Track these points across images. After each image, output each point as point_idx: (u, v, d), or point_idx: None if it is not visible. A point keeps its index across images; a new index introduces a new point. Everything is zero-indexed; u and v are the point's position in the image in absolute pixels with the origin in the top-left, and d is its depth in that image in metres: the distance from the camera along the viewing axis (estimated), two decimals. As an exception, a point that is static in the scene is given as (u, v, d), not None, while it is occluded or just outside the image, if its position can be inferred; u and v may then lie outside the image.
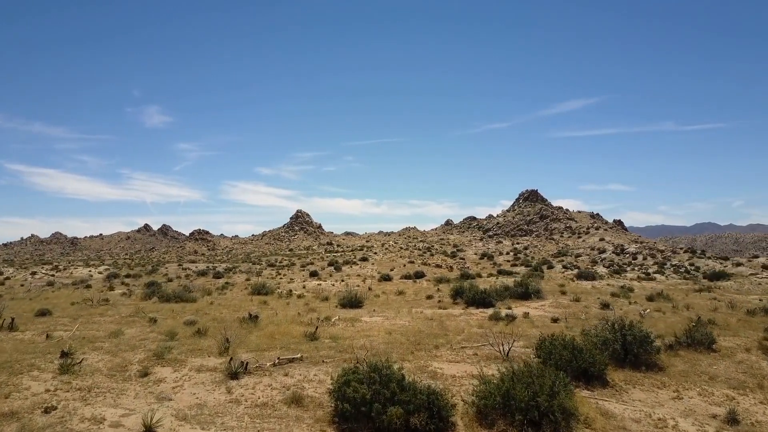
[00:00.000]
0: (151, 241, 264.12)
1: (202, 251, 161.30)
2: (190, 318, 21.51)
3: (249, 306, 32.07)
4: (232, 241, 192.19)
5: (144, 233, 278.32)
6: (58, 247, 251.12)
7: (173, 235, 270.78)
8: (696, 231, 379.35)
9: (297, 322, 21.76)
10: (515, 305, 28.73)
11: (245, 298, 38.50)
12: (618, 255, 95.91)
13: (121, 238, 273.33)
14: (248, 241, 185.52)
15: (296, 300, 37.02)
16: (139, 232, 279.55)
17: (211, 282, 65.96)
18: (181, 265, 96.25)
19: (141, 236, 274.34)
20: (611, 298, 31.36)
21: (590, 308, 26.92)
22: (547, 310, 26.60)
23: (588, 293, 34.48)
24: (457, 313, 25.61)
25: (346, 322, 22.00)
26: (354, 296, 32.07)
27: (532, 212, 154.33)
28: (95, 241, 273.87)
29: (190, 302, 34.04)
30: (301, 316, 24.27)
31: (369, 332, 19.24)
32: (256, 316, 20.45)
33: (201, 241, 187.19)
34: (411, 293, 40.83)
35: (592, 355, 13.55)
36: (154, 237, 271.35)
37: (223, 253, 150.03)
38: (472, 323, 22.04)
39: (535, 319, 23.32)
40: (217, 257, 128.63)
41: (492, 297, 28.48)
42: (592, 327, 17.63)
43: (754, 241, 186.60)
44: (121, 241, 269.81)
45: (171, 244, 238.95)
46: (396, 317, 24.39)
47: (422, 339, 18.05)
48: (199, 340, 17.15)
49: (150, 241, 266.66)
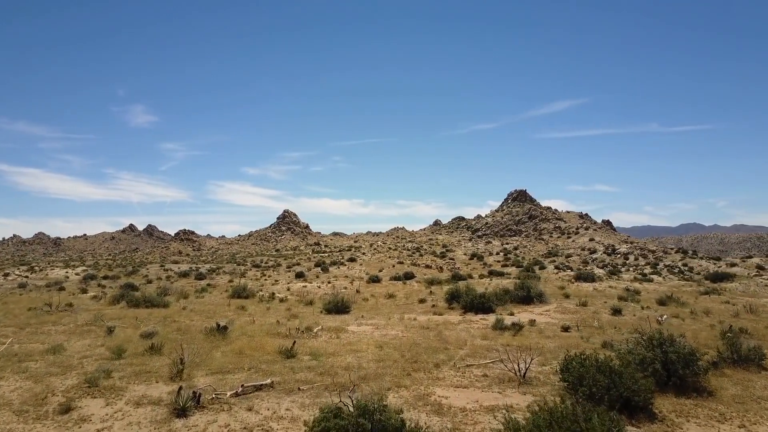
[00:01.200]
0: (136, 242, 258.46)
1: (186, 252, 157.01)
2: (149, 329, 18.42)
3: (225, 312, 28.99)
4: (218, 242, 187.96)
5: (129, 233, 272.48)
6: (40, 248, 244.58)
7: (159, 235, 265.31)
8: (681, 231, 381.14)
9: (274, 333, 18.75)
10: (517, 310, 25.99)
11: (223, 302, 35.40)
12: (609, 255, 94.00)
13: (106, 239, 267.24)
14: (234, 241, 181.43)
15: (278, 305, 33.97)
16: (124, 233, 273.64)
17: (192, 284, 62.50)
18: (163, 266, 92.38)
19: (126, 237, 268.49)
20: (619, 302, 28.75)
21: (600, 314, 24.26)
22: (554, 316, 23.88)
23: (592, 296, 31.86)
24: (455, 321, 22.78)
25: (330, 333, 19.05)
26: (340, 301, 29.14)
27: (521, 212, 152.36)
28: (79, 241, 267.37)
29: (160, 307, 30.85)
30: (279, 325, 21.27)
31: (356, 346, 16.31)
32: (226, 327, 17.42)
33: (186, 241, 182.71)
34: (402, 296, 37.98)
35: (635, 381, 10.77)
36: (139, 237, 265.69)
37: (209, 254, 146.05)
38: (474, 333, 19.21)
39: (544, 328, 20.57)
40: (202, 258, 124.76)
41: (491, 301, 25.70)
42: (622, 341, 14.87)
43: (739, 241, 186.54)
44: (105, 242, 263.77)
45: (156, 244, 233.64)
46: (387, 325, 21.51)
47: (419, 354, 15.18)
48: (150, 359, 14.09)
49: (135, 241, 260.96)
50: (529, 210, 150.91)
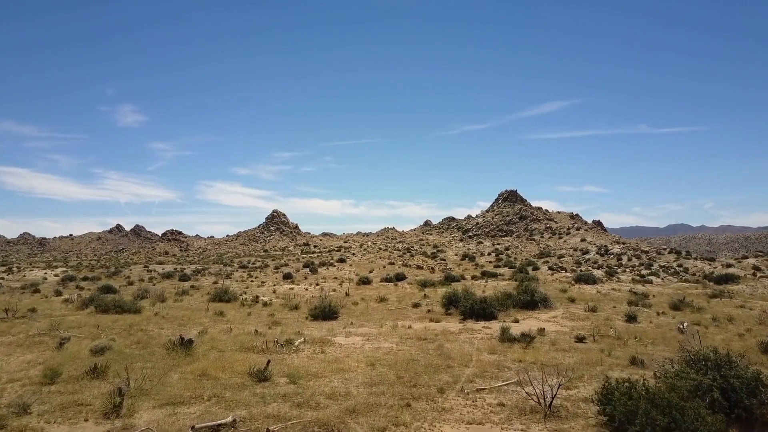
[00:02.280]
0: (123, 242, 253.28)
1: (173, 252, 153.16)
2: (103, 342, 15.67)
3: (200, 318, 26.24)
4: (206, 242, 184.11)
5: (116, 234, 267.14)
6: (25, 248, 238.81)
7: (146, 235, 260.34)
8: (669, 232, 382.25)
9: (248, 346, 16.06)
10: (522, 316, 23.53)
11: (203, 306, 32.59)
12: (602, 256, 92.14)
13: (92, 239, 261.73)
14: (222, 241, 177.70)
15: (260, 309, 31.25)
16: (111, 233, 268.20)
17: (176, 285, 59.48)
18: (147, 267, 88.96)
19: (113, 237, 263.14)
20: (630, 307, 26.39)
21: (614, 321, 21.86)
22: (563, 324, 21.44)
23: (599, 300, 29.48)
24: (455, 329, 20.24)
25: (314, 346, 16.41)
26: (328, 306, 26.50)
27: (511, 213, 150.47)
28: (65, 241, 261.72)
29: (131, 313, 28.00)
30: (257, 336, 18.60)
31: (344, 364, 13.71)
32: (191, 341, 14.71)
33: (174, 241, 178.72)
34: (394, 299, 35.42)
35: (701, 420, 8.30)
36: (126, 238, 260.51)
37: (196, 255, 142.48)
38: (480, 346, 16.68)
39: (556, 338, 18.10)
40: (189, 259, 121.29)
41: (493, 307, 23.22)
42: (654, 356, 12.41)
43: (727, 242, 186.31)
44: (92, 242, 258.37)
45: (144, 245, 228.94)
46: (379, 335, 18.92)
47: (418, 375, 12.63)
48: (88, 385, 11.38)
49: (122, 242, 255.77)
50: (520, 210, 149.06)
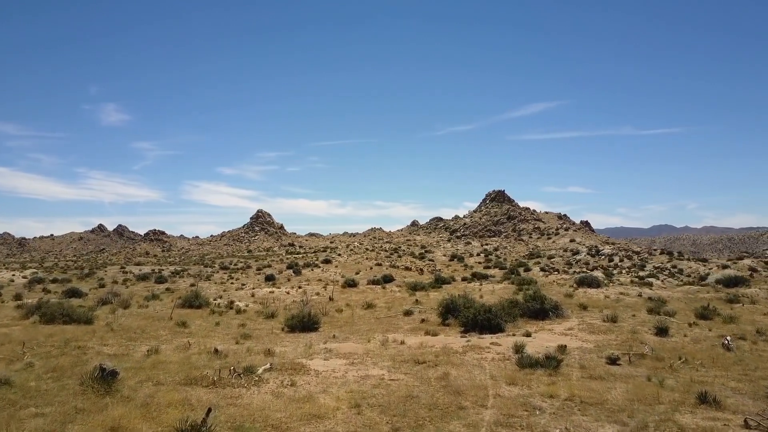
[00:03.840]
0: (105, 242, 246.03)
1: (154, 253, 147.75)
2: (1, 373, 11.76)
3: (158, 330, 22.31)
4: (190, 242, 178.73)
5: (98, 234, 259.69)
6: (4, 248, 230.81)
7: (129, 235, 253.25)
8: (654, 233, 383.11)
9: (195, 376, 12.24)
10: (533, 328, 20.02)
11: (168, 313, 28.60)
12: (593, 256, 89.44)
13: (74, 239, 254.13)
14: (206, 242, 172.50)
15: (232, 318, 27.39)
16: (93, 233, 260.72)
17: (150, 288, 55.21)
18: (123, 268, 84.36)
19: (95, 237, 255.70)
20: (651, 315, 23.05)
21: (641, 334, 18.42)
22: (583, 338, 17.94)
23: (613, 307, 26.06)
24: (458, 346, 16.61)
25: (282, 375, 12.64)
26: (307, 315, 22.76)
27: (499, 213, 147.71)
28: (45, 241, 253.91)
29: (81, 323, 24.01)
30: (215, 358, 14.80)
31: (319, 407, 9.96)
32: (114, 373, 10.86)
33: (156, 242, 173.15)
34: (382, 305, 31.77)
35: None
36: (108, 238, 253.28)
37: (178, 255, 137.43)
38: (494, 371, 13.08)
39: (582, 359, 14.57)
40: (170, 259, 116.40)
41: (499, 317, 19.66)
42: (735, 392, 8.88)
43: (711, 242, 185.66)
44: (73, 242, 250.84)
45: (126, 245, 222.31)
46: (366, 356, 15.24)
47: (421, 425, 8.98)
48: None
49: (104, 242, 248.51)
50: (508, 210, 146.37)
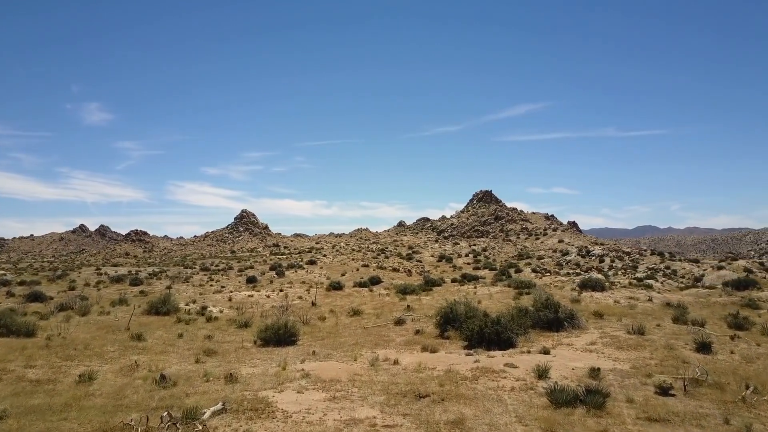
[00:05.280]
0: (87, 243, 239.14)
1: (135, 253, 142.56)
2: None
3: (108, 345, 18.78)
4: (172, 243, 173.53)
5: (79, 234, 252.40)
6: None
7: (111, 236, 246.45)
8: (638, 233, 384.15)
9: (113, 428, 8.86)
10: (548, 341, 16.93)
11: (131, 322, 24.96)
12: (583, 257, 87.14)
13: (54, 239, 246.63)
14: (189, 242, 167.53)
15: (200, 327, 23.90)
16: (74, 233, 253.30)
17: (124, 290, 51.21)
18: (99, 270, 79.93)
19: (76, 237, 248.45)
20: (676, 325, 20.11)
21: (679, 350, 15.42)
22: (613, 356, 14.86)
23: (630, 315, 23.04)
24: (466, 369, 13.40)
25: (238, 420, 9.31)
26: (284, 326, 19.40)
27: (486, 213, 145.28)
28: (25, 242, 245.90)
29: (20, 336, 20.40)
30: (157, 389, 11.42)
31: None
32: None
33: (138, 242, 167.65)
34: (370, 311, 28.48)
35: None
36: (90, 238, 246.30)
37: (159, 256, 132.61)
38: (520, 410, 9.91)
39: (625, 386, 11.47)
40: (150, 260, 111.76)
41: (510, 330, 16.52)
42: None
43: (695, 243, 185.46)
44: (53, 243, 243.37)
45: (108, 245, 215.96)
46: (352, 385, 11.98)
47: None
48: None
49: (86, 242, 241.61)
50: (495, 211, 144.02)
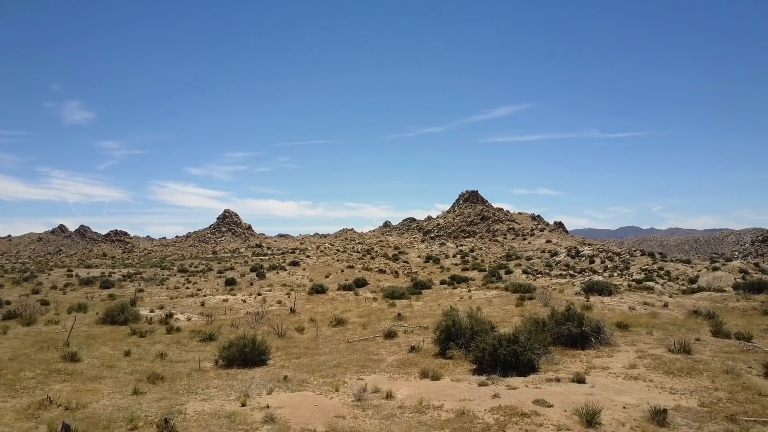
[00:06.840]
0: (66, 243, 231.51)
1: (113, 254, 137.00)
2: None
3: (35, 364, 15.04)
4: (153, 243, 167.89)
5: (59, 234, 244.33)
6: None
7: (92, 236, 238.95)
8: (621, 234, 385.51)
9: None
10: (577, 365, 13.68)
11: (77, 332, 21.16)
12: (573, 258, 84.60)
13: (33, 240, 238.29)
14: (171, 243, 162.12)
15: (158, 339, 20.21)
16: (54, 233, 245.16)
17: (91, 293, 47.09)
18: (70, 271, 75.22)
19: (55, 238, 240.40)
20: (716, 338, 17.02)
21: (743, 376, 12.27)
22: (666, 385, 11.64)
23: (660, 327, 19.81)
24: (483, 410, 10.02)
25: None
26: (251, 343, 15.83)
27: (473, 213, 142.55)
28: (2, 242, 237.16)
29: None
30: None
31: None
32: None
33: (118, 242, 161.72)
34: (356, 320, 24.98)
35: None
36: (69, 238, 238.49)
37: (138, 256, 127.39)
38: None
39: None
40: (127, 261, 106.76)
41: (530, 350, 13.18)
42: None
43: (678, 243, 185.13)
44: (32, 243, 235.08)
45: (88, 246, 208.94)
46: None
47: None
48: None
49: (65, 242, 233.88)
50: (482, 211, 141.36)
